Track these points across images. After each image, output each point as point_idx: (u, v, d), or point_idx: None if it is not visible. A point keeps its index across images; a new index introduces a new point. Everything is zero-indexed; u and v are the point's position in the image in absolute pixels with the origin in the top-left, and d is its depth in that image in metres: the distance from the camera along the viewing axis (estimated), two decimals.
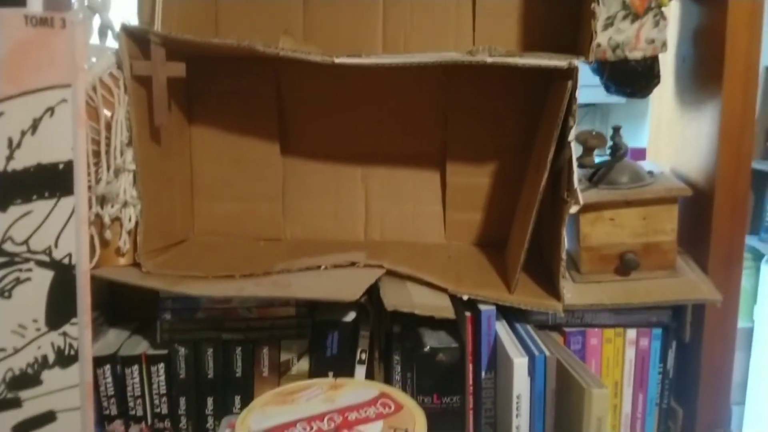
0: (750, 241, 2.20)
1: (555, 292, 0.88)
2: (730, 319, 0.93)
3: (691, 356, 0.94)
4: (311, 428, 0.71)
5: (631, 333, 0.92)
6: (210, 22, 1.07)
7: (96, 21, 0.93)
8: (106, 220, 0.91)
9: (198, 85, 1.07)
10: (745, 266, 2.18)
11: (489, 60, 0.80)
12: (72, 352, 0.79)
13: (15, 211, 0.79)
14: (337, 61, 0.85)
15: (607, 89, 1.01)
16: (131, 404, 0.94)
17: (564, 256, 0.86)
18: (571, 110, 0.80)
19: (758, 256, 2.18)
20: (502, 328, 0.88)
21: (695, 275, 0.92)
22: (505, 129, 1.05)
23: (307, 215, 1.12)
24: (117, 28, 0.91)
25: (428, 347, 0.90)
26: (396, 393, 0.79)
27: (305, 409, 0.75)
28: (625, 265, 0.90)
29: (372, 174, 1.11)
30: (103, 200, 0.91)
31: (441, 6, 1.05)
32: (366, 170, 1.12)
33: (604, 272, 0.92)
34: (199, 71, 1.04)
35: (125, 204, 0.92)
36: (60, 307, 0.79)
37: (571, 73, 0.78)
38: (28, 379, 0.78)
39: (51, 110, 0.80)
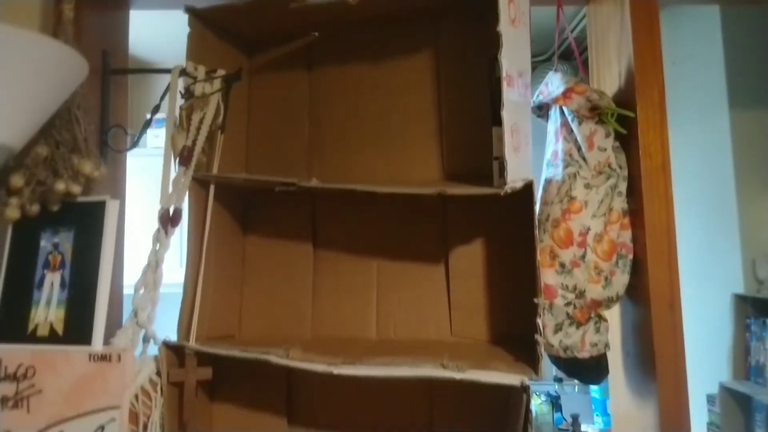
0: None
1: None
2: None
3: None
4: None
5: None
6: (234, 312, 1.30)
7: (141, 333, 1.14)
8: None
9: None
10: None
11: (458, 377, 0.99)
12: None
13: None
14: (336, 372, 1.05)
15: (566, 375, 1.19)
16: None
17: None
18: (529, 419, 0.96)
19: None
20: None
21: None
22: (483, 405, 1.21)
23: None
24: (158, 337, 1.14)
25: None
26: None
27: None
28: None
29: None
30: None
31: (423, 301, 1.28)
32: None
33: None
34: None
35: None
36: None
37: (525, 389, 0.96)
38: None
39: (102, 428, 0.98)
